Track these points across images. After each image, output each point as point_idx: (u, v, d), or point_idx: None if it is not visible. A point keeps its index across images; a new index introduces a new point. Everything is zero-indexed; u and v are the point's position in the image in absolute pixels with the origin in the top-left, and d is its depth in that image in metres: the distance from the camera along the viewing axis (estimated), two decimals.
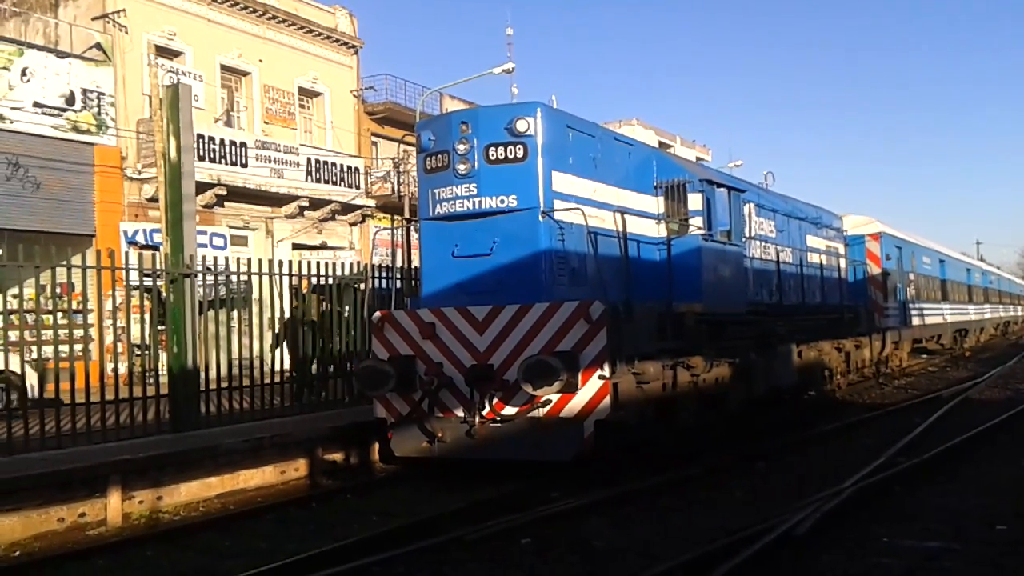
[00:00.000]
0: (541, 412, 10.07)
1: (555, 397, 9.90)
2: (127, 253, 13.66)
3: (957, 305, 35.82)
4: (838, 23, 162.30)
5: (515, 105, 11.04)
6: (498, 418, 10.22)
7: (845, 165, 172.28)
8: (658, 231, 12.56)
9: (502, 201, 10.63)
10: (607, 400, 9.90)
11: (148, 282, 12.55)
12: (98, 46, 24.54)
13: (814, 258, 18.53)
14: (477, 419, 10.25)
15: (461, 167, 10.74)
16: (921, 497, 9.10)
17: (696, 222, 12.65)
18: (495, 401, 10.25)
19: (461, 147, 10.73)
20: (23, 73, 22.33)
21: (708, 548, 6.90)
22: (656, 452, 11.23)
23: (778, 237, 16.43)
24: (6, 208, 21.35)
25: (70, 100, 23.32)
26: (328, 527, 8.68)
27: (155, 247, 18.61)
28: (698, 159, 44.39)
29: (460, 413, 10.43)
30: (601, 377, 9.89)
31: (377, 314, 11.37)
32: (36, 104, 22.47)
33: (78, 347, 11.69)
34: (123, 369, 12.95)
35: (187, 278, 11.97)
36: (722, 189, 13.27)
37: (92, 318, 12.48)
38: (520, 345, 10.19)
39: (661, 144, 44.20)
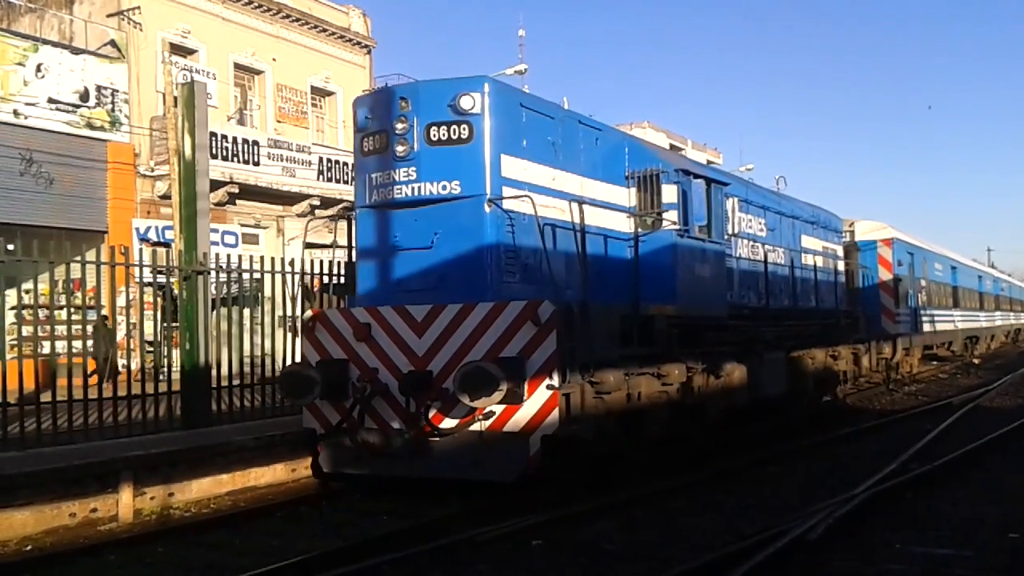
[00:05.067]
0: (483, 426, 9.09)
1: (499, 409, 8.98)
2: (140, 250, 13.70)
3: (968, 312, 35.67)
4: (851, 29, 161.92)
5: (459, 79, 9.89)
6: (436, 432, 9.25)
7: (858, 171, 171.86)
8: (630, 225, 11.52)
9: (444, 187, 9.66)
10: (555, 413, 8.92)
11: (160, 279, 12.58)
12: (112, 43, 24.61)
13: (809, 259, 17.45)
14: (413, 432, 9.28)
15: (399, 148, 9.76)
16: (933, 504, 9.08)
17: (670, 216, 11.51)
18: (433, 412, 9.29)
19: (399, 126, 9.75)
20: (38, 69, 22.41)
21: (720, 552, 6.90)
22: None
23: (768, 236, 15.41)
24: (20, 203, 21.41)
25: (84, 96, 23.38)
26: (338, 526, 8.69)
27: (167, 244, 18.67)
28: (709, 162, 44.26)
29: (396, 425, 9.49)
30: (550, 387, 8.93)
31: (308, 313, 10.53)
32: (50, 100, 22.54)
33: (90, 342, 11.72)
34: (135, 365, 12.97)
35: (200, 275, 12.01)
36: (699, 180, 12.14)
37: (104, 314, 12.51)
38: (462, 349, 9.25)
39: (672, 146, 44.07)
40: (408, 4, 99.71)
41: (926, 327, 27.09)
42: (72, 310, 12.63)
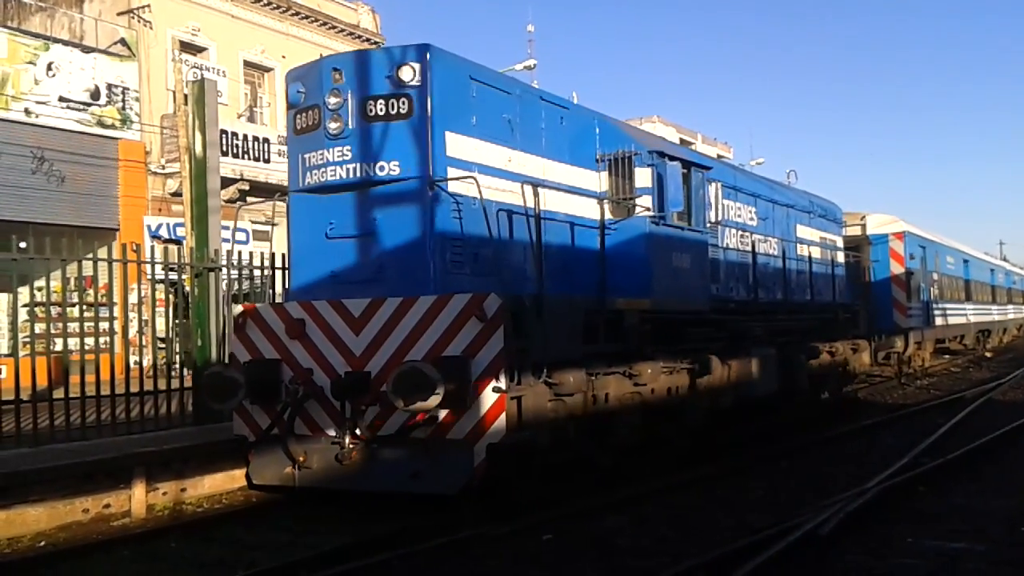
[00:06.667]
0: (425, 433, 8.28)
1: (442, 414, 8.16)
2: (152, 247, 13.75)
3: (980, 305, 35.56)
4: (861, 23, 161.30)
5: (399, 47, 8.98)
6: (373, 440, 8.47)
7: (870, 165, 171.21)
8: (601, 212, 10.53)
9: (382, 168, 8.74)
10: (502, 418, 8.05)
11: (172, 276, 12.62)
12: (123, 41, 24.67)
13: (804, 251, 16.58)
14: (348, 440, 8.48)
15: (332, 126, 8.86)
16: (945, 498, 9.07)
17: (644, 202, 10.68)
18: (371, 418, 8.48)
19: (332, 100, 8.86)
20: (49, 67, 22.48)
21: (732, 546, 6.89)
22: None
23: (759, 225, 14.66)
24: (31, 201, 21.51)
25: (95, 95, 23.44)
26: (351, 521, 8.70)
27: (178, 241, 18.74)
28: (719, 156, 44.06)
29: (331, 432, 8.69)
30: (496, 389, 8.04)
31: (239, 308, 9.76)
32: (61, 98, 22.61)
33: (102, 339, 11.77)
34: (146, 362, 13.03)
35: (211, 272, 12.05)
36: (675, 163, 11.12)
37: (116, 311, 12.57)
38: (402, 348, 8.42)
39: (682, 141, 43.79)
40: (417, 0, 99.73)
41: (938, 321, 27.03)
42: (84, 307, 12.66)
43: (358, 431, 8.47)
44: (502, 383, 8.07)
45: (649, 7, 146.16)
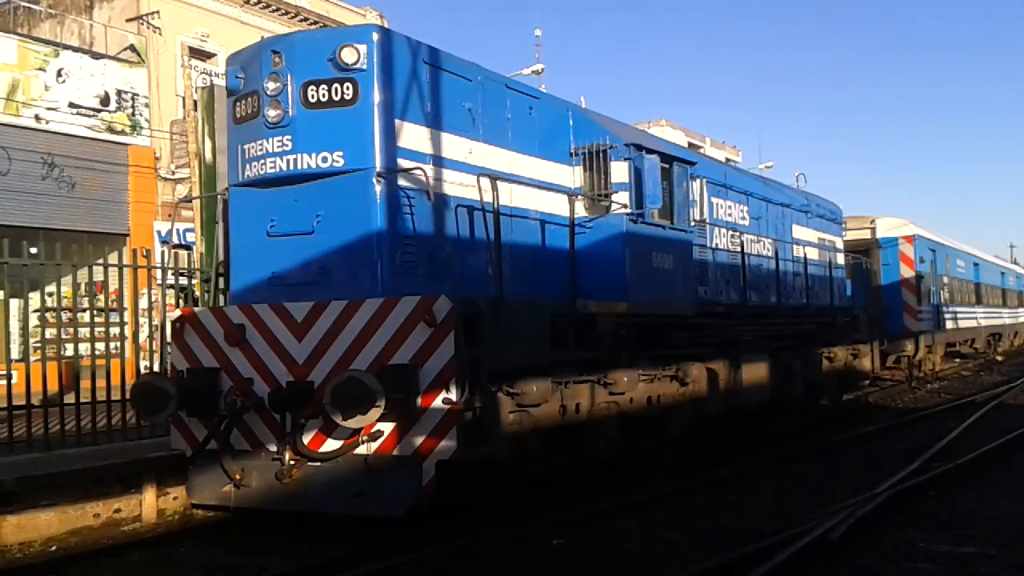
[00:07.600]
0: (370, 448, 7.64)
1: (388, 428, 7.54)
2: (162, 252, 13.79)
3: (991, 309, 35.47)
4: (870, 25, 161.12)
5: (343, 28, 8.03)
6: (316, 456, 7.85)
7: (879, 168, 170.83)
8: (577, 209, 9.92)
9: (325, 159, 8.05)
10: (453, 433, 7.40)
11: (183, 281, 12.65)
12: (132, 47, 24.79)
13: (800, 252, 15.86)
14: (288, 456, 7.87)
15: (271, 113, 8.15)
16: (956, 502, 9.04)
17: (620, 198, 10.10)
18: (314, 432, 7.87)
19: (271, 86, 8.15)
20: (59, 74, 22.59)
21: (741, 551, 6.88)
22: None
23: (752, 225, 14.01)
24: (42, 207, 21.60)
25: (105, 101, 23.56)
26: (361, 526, 8.70)
27: (187, 246, 18.78)
28: (728, 160, 44.04)
29: (272, 447, 8.06)
30: (447, 401, 7.42)
31: (176, 312, 9.10)
32: (71, 105, 22.71)
33: (113, 344, 11.80)
34: (156, 367, 13.07)
35: (221, 277, 12.06)
36: (654, 156, 10.37)
37: (127, 316, 12.60)
38: (347, 356, 7.78)
39: (690, 144, 43.82)
40: (425, 5, 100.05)
41: (948, 324, 26.97)
42: (95, 312, 12.70)
43: (298, 446, 7.90)
44: (453, 394, 7.44)
45: (657, 11, 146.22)
